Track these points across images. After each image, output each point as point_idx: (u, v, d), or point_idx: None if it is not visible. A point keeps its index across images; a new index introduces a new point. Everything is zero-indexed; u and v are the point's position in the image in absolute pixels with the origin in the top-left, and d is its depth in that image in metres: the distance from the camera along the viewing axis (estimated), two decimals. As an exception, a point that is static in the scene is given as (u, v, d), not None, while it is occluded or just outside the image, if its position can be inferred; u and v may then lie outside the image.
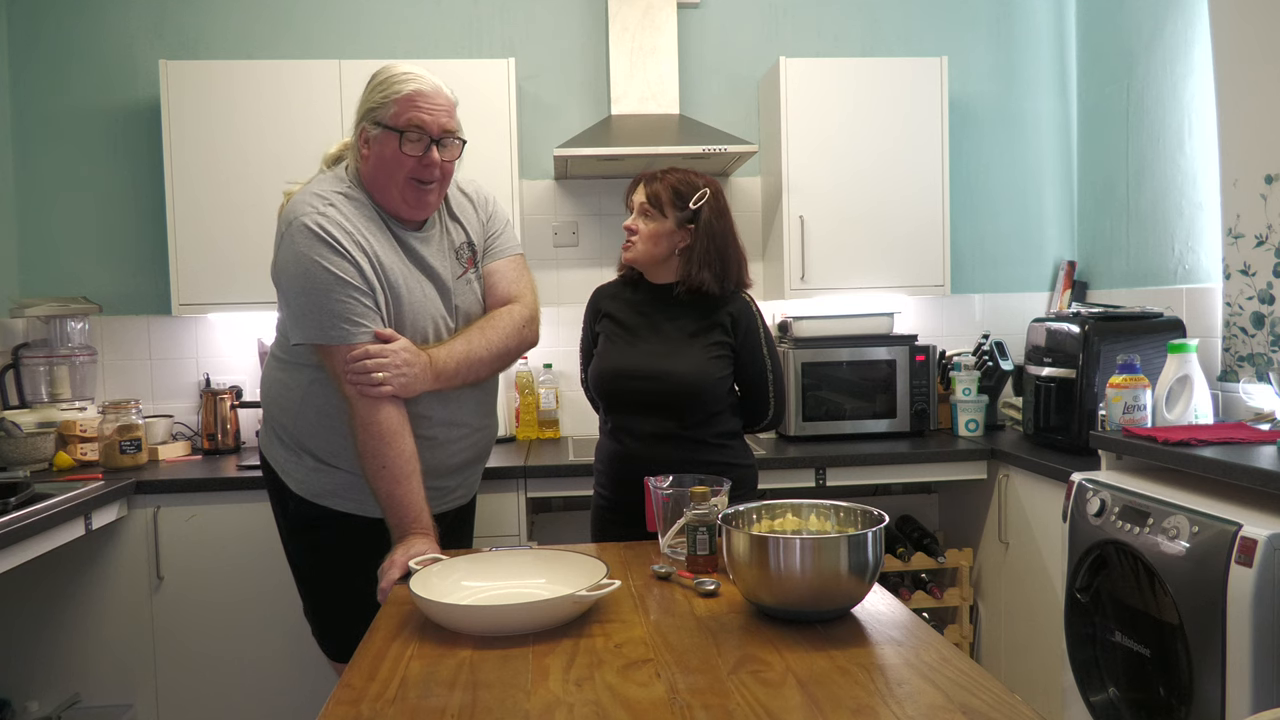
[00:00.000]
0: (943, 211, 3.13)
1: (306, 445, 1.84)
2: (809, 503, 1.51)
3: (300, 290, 1.69)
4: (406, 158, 1.72)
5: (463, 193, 1.94)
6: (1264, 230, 2.46)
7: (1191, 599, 1.79)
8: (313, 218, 1.69)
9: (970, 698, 1.08)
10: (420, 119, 1.72)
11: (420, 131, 1.72)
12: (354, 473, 1.79)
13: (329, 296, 1.67)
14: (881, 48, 3.42)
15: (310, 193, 1.75)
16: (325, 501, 1.85)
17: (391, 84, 1.73)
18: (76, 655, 2.66)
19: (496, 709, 1.08)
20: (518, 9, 3.33)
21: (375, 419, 1.67)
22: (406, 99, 1.72)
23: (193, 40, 3.21)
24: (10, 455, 2.72)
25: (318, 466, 1.84)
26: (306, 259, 1.68)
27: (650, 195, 2.03)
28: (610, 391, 2.08)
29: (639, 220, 2.05)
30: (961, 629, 3.02)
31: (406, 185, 1.75)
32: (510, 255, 1.96)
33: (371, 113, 1.74)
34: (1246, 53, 2.50)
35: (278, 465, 1.90)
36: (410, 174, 1.74)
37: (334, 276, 1.67)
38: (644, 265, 2.08)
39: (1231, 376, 2.60)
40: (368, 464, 1.69)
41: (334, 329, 1.68)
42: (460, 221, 1.90)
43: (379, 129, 1.73)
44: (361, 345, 1.68)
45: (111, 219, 3.21)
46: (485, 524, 2.70)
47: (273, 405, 1.89)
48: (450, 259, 1.86)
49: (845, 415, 3.10)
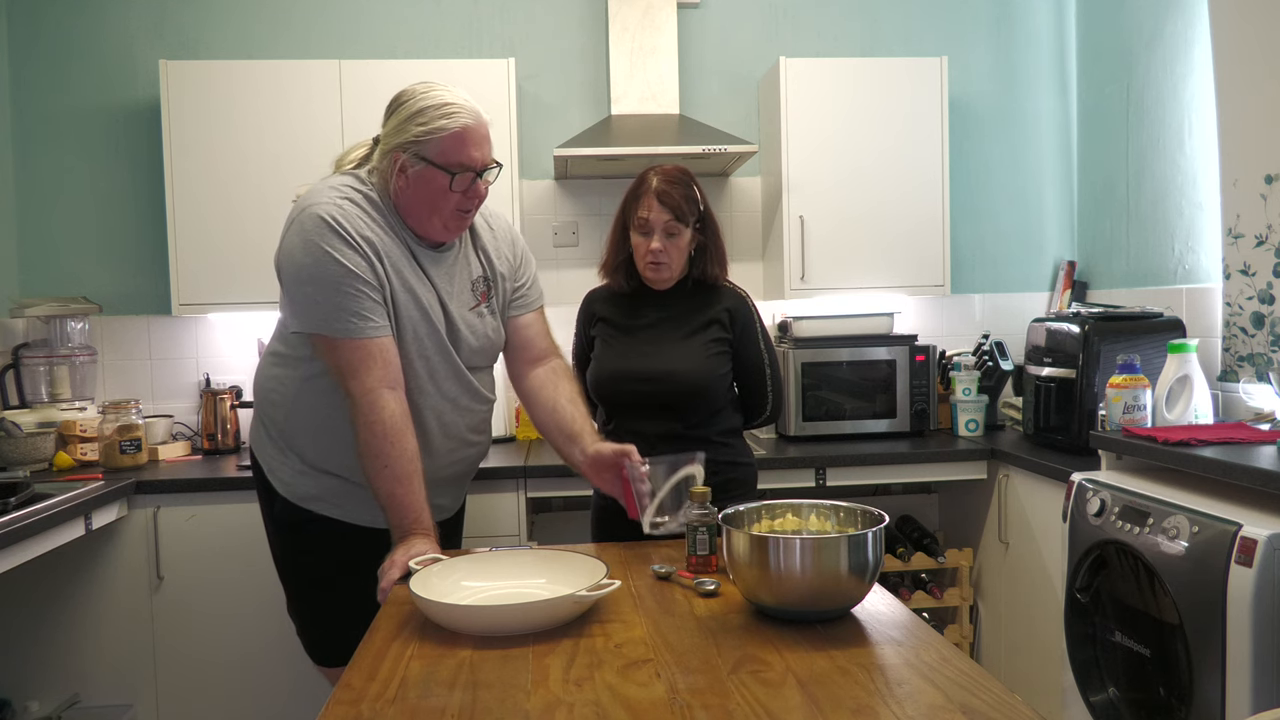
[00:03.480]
0: (943, 211, 3.13)
1: (295, 445, 1.82)
2: (809, 503, 1.51)
3: (307, 279, 1.65)
4: (454, 194, 1.69)
5: (490, 227, 1.90)
6: (1264, 230, 2.46)
7: (1191, 599, 1.79)
8: (327, 209, 1.65)
9: (970, 698, 1.08)
10: (471, 158, 1.68)
11: (470, 170, 1.69)
12: (341, 477, 1.77)
13: (338, 289, 1.63)
14: (881, 48, 3.42)
15: (328, 186, 1.71)
16: (310, 505, 1.82)
17: (437, 117, 1.66)
18: (76, 655, 2.66)
19: (496, 709, 1.08)
20: (518, 9, 3.33)
21: (379, 417, 1.63)
22: (456, 137, 1.66)
23: (193, 40, 3.21)
24: (10, 455, 2.72)
25: (304, 469, 1.81)
26: (316, 248, 1.64)
27: (674, 211, 1.97)
28: (611, 394, 2.07)
29: (663, 239, 1.99)
30: (961, 629, 3.02)
31: (451, 216, 1.72)
32: (539, 308, 1.97)
33: (413, 145, 1.67)
34: (1246, 53, 2.50)
35: (266, 464, 1.87)
36: (456, 207, 1.71)
37: (344, 268, 1.64)
38: (667, 282, 2.06)
39: (1231, 376, 2.60)
40: (369, 463, 1.65)
41: (339, 321, 1.64)
42: (482, 256, 1.86)
43: (422, 164, 1.67)
44: (371, 341, 1.65)
45: (111, 219, 3.21)
46: (485, 524, 2.71)
47: (264, 401, 1.86)
48: (464, 288, 1.82)
49: (845, 415, 3.10)
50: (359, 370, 1.65)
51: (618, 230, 2.08)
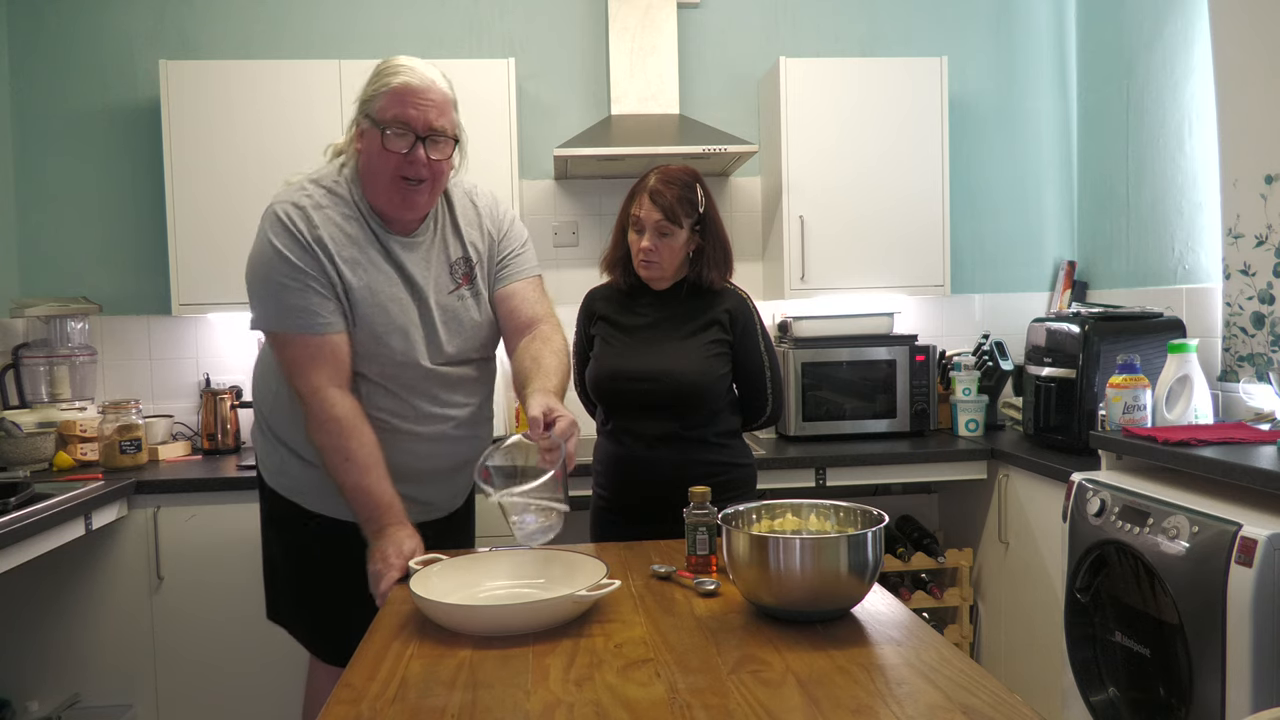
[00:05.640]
0: (943, 211, 3.13)
1: (280, 434, 1.82)
2: (809, 503, 1.51)
3: (261, 277, 1.67)
4: (390, 154, 1.65)
5: (474, 205, 1.86)
6: (1264, 230, 2.46)
7: (1191, 599, 1.79)
8: (283, 207, 1.68)
9: (970, 697, 1.08)
10: (406, 115, 1.65)
11: (405, 128, 1.65)
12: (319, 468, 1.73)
13: (284, 286, 1.65)
14: (881, 48, 3.42)
15: (293, 185, 1.74)
16: (295, 498, 1.82)
17: (383, 75, 1.67)
18: (76, 655, 2.66)
19: (496, 709, 1.08)
20: (518, 9, 3.33)
21: (332, 414, 1.64)
22: (394, 93, 1.65)
23: (192, 40, 3.21)
24: (10, 455, 2.72)
25: (289, 457, 1.81)
26: (268, 245, 1.66)
27: (667, 211, 1.97)
28: (611, 394, 2.07)
29: (655, 239, 2.00)
30: (961, 629, 3.02)
31: (393, 183, 1.67)
32: (529, 277, 1.87)
33: (364, 105, 1.70)
34: (1246, 53, 2.50)
35: (258, 455, 1.90)
36: (396, 171, 1.66)
37: (292, 265, 1.65)
38: (661, 280, 2.07)
39: (1231, 376, 2.60)
40: (330, 458, 1.64)
41: (287, 317, 1.65)
42: (462, 235, 1.82)
43: (368, 122, 1.68)
44: (317, 337, 1.64)
45: (111, 219, 3.21)
46: (486, 524, 2.70)
47: (256, 392, 1.90)
48: (441, 272, 1.78)
49: (845, 415, 3.10)
50: (305, 368, 1.66)
51: (619, 227, 2.09)
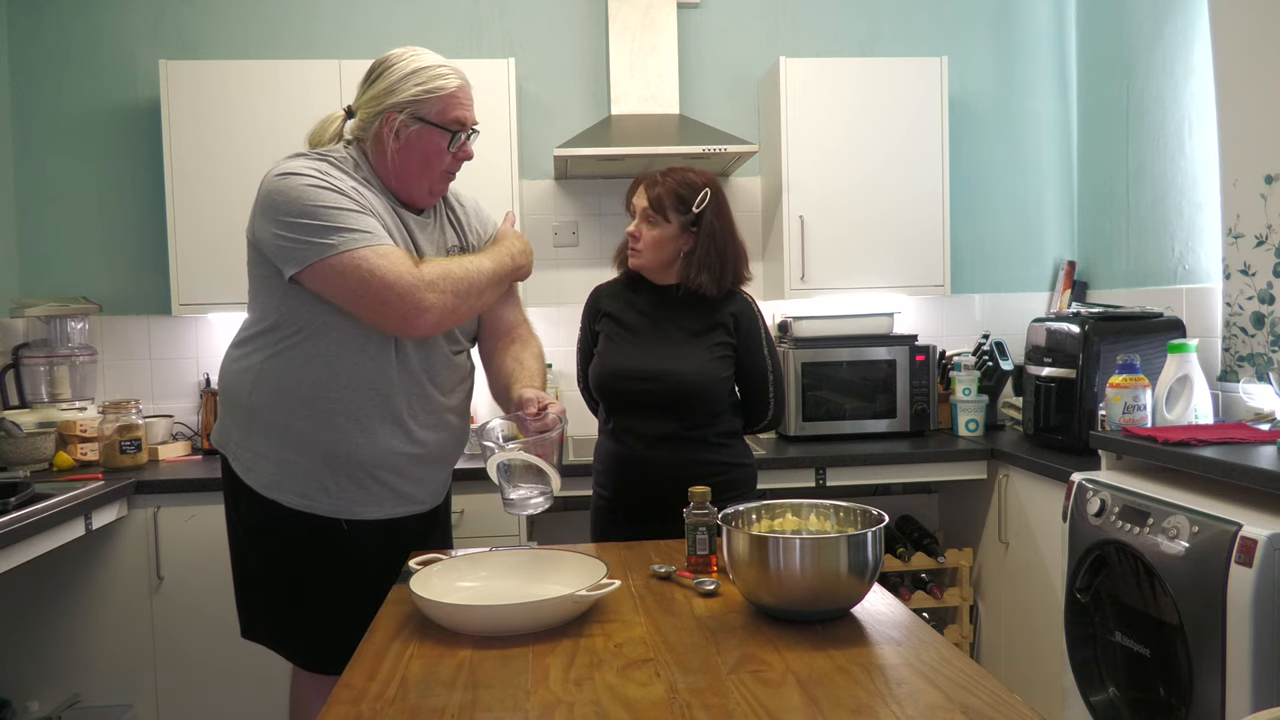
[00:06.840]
0: (943, 211, 3.13)
1: (258, 421, 1.73)
2: (809, 503, 1.51)
3: (298, 212, 1.59)
4: (448, 153, 1.74)
5: (460, 203, 1.92)
6: (1264, 230, 2.46)
7: (1191, 599, 1.79)
8: (297, 164, 1.64)
9: (970, 697, 1.08)
10: (464, 117, 1.74)
11: (464, 128, 1.75)
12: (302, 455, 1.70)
13: (337, 204, 1.60)
14: (881, 48, 3.42)
15: (294, 156, 1.70)
16: (274, 495, 1.72)
17: (434, 77, 1.70)
18: (76, 655, 2.66)
19: (496, 709, 1.08)
20: (518, 9, 3.33)
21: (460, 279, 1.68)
22: (452, 97, 1.71)
23: (192, 40, 3.21)
24: (10, 455, 2.72)
25: (266, 451, 1.72)
26: (296, 188, 1.60)
27: (653, 200, 2.01)
28: (612, 392, 2.07)
29: (642, 226, 2.03)
30: (961, 629, 3.02)
31: (440, 178, 1.77)
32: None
33: (410, 105, 1.69)
34: (1247, 53, 2.50)
35: (234, 457, 1.77)
36: (449, 168, 1.76)
37: (337, 190, 1.62)
38: (650, 271, 2.07)
39: (1231, 376, 2.60)
40: (481, 279, 1.72)
41: (338, 236, 1.58)
42: (454, 225, 1.88)
43: (419, 124, 1.70)
44: (373, 246, 1.60)
45: (111, 219, 3.21)
46: (485, 524, 2.71)
47: (228, 390, 1.78)
48: (441, 254, 1.81)
49: (845, 415, 3.10)
50: (396, 264, 1.60)
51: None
